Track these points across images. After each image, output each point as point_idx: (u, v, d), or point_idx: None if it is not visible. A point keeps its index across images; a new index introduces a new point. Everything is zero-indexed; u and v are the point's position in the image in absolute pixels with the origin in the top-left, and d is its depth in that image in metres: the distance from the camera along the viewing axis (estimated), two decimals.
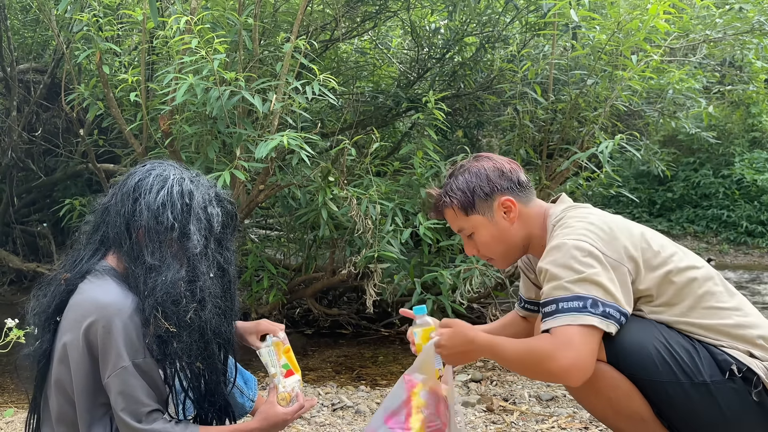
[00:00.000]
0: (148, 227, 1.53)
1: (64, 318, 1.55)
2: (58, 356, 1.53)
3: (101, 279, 1.54)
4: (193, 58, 2.95)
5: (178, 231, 1.54)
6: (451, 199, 1.80)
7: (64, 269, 1.62)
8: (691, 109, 4.88)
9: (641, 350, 1.53)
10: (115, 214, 1.58)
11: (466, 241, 1.85)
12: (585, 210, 1.71)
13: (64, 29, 3.89)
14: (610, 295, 1.52)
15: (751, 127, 9.04)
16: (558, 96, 4.11)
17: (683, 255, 1.65)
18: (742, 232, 8.67)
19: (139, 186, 1.58)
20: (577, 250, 1.55)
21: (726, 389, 1.50)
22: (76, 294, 1.55)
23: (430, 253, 3.83)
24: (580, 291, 1.52)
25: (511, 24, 4.69)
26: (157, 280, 1.50)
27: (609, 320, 1.51)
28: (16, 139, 5.26)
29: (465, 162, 1.87)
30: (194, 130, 3.23)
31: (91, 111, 3.70)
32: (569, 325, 1.51)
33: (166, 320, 1.48)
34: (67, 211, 4.49)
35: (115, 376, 1.47)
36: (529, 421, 2.55)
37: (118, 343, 1.47)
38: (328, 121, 4.71)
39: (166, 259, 1.53)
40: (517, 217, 1.77)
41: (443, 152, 4.11)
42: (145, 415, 1.49)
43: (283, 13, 4.15)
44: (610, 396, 1.57)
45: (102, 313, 1.48)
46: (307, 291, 4.22)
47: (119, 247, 1.57)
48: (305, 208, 3.66)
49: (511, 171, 1.80)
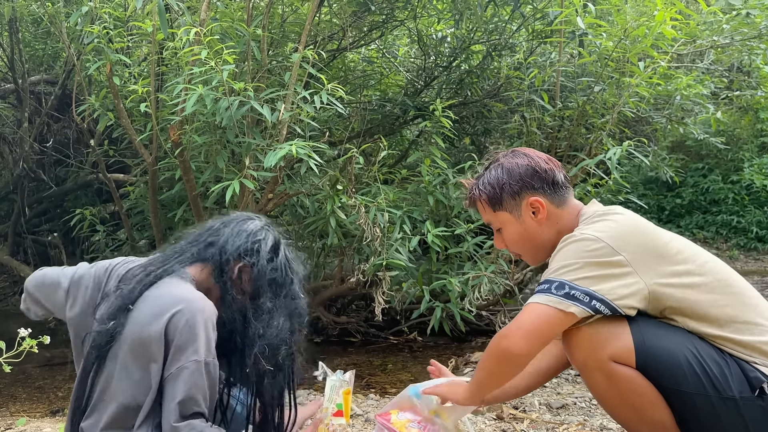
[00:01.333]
0: (263, 271, 1.69)
1: (138, 309, 1.59)
2: (130, 347, 1.57)
3: (184, 282, 1.65)
4: (203, 69, 2.98)
5: (293, 288, 1.74)
6: (480, 193, 1.79)
7: (152, 264, 1.71)
8: (699, 115, 4.87)
9: (671, 359, 1.52)
10: (225, 242, 1.71)
11: (496, 234, 1.84)
12: (615, 211, 1.67)
13: (75, 41, 3.94)
14: (587, 282, 1.52)
15: (759, 132, 8.99)
16: (565, 103, 4.12)
17: (718, 266, 1.61)
18: (752, 237, 8.61)
19: (259, 233, 1.74)
20: (583, 242, 1.56)
21: (754, 406, 1.48)
22: (156, 289, 1.62)
23: (438, 261, 3.83)
24: (554, 276, 1.56)
25: (518, 32, 4.71)
26: (271, 322, 1.66)
27: (571, 301, 1.52)
28: (28, 150, 5.32)
29: (502, 155, 1.84)
30: (204, 139, 3.25)
31: (101, 122, 3.73)
32: (529, 304, 1.58)
33: (265, 359, 1.64)
34: (77, 220, 4.52)
35: (186, 368, 1.52)
36: (540, 429, 2.54)
37: (198, 338, 1.53)
38: (336, 129, 4.73)
39: (279, 307, 1.69)
40: (545, 218, 1.73)
41: (450, 160, 4.12)
42: (191, 414, 1.53)
43: (291, 24, 4.19)
44: (634, 402, 1.56)
45: (188, 307, 1.55)
46: (316, 299, 4.23)
47: (219, 271, 1.70)
48: (314, 217, 3.67)
49: (546, 171, 1.75)
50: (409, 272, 3.70)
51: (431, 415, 1.83)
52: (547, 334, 1.57)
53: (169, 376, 1.53)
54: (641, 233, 1.59)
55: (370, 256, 3.54)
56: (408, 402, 1.88)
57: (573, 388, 3.19)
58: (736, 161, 9.00)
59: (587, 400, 2.86)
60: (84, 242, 5.30)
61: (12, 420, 2.89)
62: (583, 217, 1.70)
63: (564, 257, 1.58)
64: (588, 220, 1.66)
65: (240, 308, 1.67)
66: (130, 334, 1.57)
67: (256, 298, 1.69)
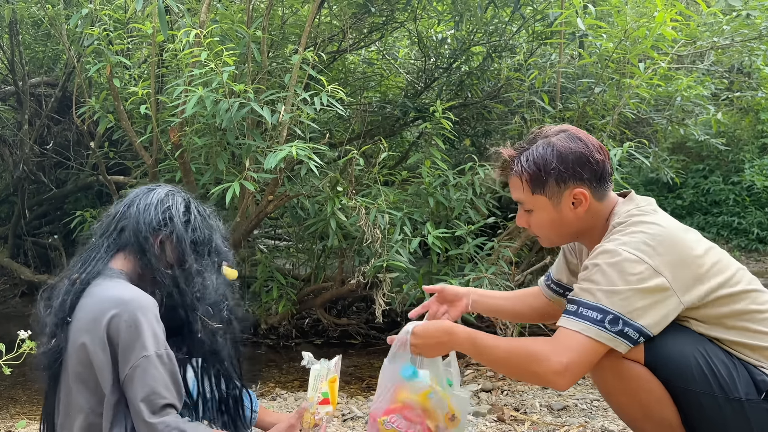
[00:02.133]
0: (182, 237, 1.67)
1: (76, 319, 1.58)
2: (76, 357, 1.55)
3: (114, 280, 1.61)
4: (203, 71, 2.98)
5: (212, 244, 1.72)
6: (523, 170, 1.64)
7: (73, 271, 1.67)
8: (700, 116, 4.86)
9: (680, 358, 1.52)
10: (137, 222, 1.66)
11: (522, 212, 1.72)
12: (651, 217, 1.58)
13: (75, 43, 3.94)
14: (639, 315, 1.48)
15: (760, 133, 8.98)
16: (566, 104, 4.11)
17: (738, 273, 1.58)
18: (753, 239, 8.60)
19: (166, 200, 1.71)
20: (626, 262, 1.48)
21: (760, 409, 1.48)
22: (87, 295, 1.59)
23: (438, 262, 3.82)
24: (606, 303, 1.48)
25: (518, 33, 4.71)
26: (205, 283, 1.64)
27: (623, 340, 1.48)
28: (28, 152, 5.32)
29: (553, 132, 1.67)
30: (204, 141, 3.25)
31: (101, 124, 3.73)
32: (578, 332, 1.49)
33: (211, 319, 1.63)
34: (78, 223, 4.52)
35: (138, 366, 1.50)
36: (541, 430, 2.53)
37: (142, 336, 1.51)
38: (337, 131, 4.73)
39: (207, 266, 1.68)
40: (584, 211, 1.63)
41: (451, 161, 4.11)
42: (160, 407, 1.51)
43: (291, 26, 4.19)
44: (641, 399, 1.55)
45: (124, 308, 1.52)
46: (317, 301, 4.22)
47: (140, 252, 1.65)
48: (314, 218, 3.67)
49: (599, 162, 1.62)
50: (409, 274, 3.69)
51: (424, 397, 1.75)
52: (589, 368, 1.52)
53: (125, 379, 1.52)
54: (679, 248, 1.52)
55: (370, 257, 3.53)
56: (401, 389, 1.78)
57: (574, 389, 3.18)
58: (737, 162, 8.98)
59: (588, 402, 2.86)
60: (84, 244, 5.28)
61: (12, 423, 2.89)
62: (617, 217, 1.62)
63: (609, 279, 1.49)
64: (623, 226, 1.57)
65: (172, 281, 1.65)
66: (74, 346, 1.56)
67: (182, 264, 1.66)
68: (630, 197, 1.67)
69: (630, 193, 1.69)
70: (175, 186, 1.81)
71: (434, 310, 1.97)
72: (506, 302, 2.05)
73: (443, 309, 1.97)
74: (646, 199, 1.67)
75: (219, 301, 1.67)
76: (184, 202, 1.74)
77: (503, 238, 3.82)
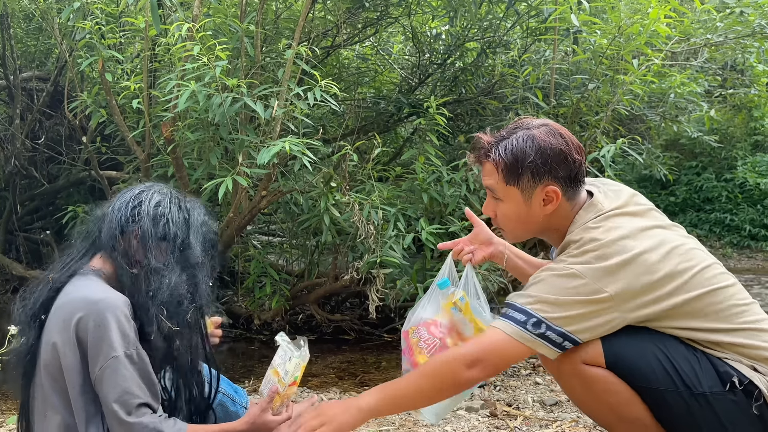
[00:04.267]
0: (147, 233, 1.61)
1: (50, 319, 1.57)
2: (48, 357, 1.54)
3: (87, 279, 1.59)
4: (196, 65, 2.96)
5: (180, 240, 1.64)
6: (500, 159, 1.60)
7: (51, 271, 1.66)
8: (693, 113, 4.88)
9: (639, 357, 1.52)
10: (111, 220, 1.64)
11: (490, 200, 1.70)
12: (605, 231, 1.53)
13: (67, 37, 3.91)
14: (565, 321, 1.48)
15: (753, 130, 9.03)
16: (559, 100, 4.12)
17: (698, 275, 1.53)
18: (745, 235, 8.65)
19: (139, 197, 1.66)
20: (567, 277, 1.49)
21: (726, 401, 1.48)
22: (62, 295, 1.58)
23: (432, 258, 3.82)
24: (532, 307, 1.50)
25: (512, 29, 4.70)
26: (162, 281, 1.58)
27: (544, 342, 1.49)
28: (19, 147, 5.28)
29: (534, 125, 1.63)
30: (197, 136, 3.24)
31: (93, 118, 3.71)
32: (499, 330, 1.52)
33: (168, 320, 1.56)
34: (70, 218, 4.49)
35: (107, 367, 1.49)
36: (533, 426, 2.54)
37: (110, 336, 1.49)
38: (330, 126, 4.71)
39: (169, 263, 1.61)
40: (553, 209, 1.62)
41: (445, 157, 4.11)
42: (135, 407, 1.50)
43: (285, 20, 4.17)
44: (610, 401, 1.55)
45: (92, 309, 1.50)
46: (310, 297, 4.22)
47: (111, 250, 1.62)
48: (307, 214, 3.66)
49: (575, 162, 1.60)
50: (403, 270, 3.69)
51: (449, 307, 1.79)
52: (508, 364, 1.58)
53: (95, 380, 1.51)
54: (631, 268, 1.48)
55: (364, 253, 3.53)
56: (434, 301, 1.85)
57: None
58: (730, 159, 9.03)
59: None
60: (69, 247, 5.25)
61: (3, 418, 2.88)
62: (573, 227, 1.60)
63: (545, 288, 1.51)
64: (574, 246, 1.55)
65: (131, 278, 1.59)
66: (46, 346, 1.55)
67: (144, 262, 1.61)
68: (591, 203, 1.63)
69: (593, 196, 1.64)
70: (164, 184, 1.77)
71: (461, 247, 1.95)
72: (530, 269, 1.98)
73: (471, 248, 1.95)
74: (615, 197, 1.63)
75: (177, 301, 1.58)
76: (159, 197, 1.67)
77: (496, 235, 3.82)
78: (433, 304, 1.85)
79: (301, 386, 3.28)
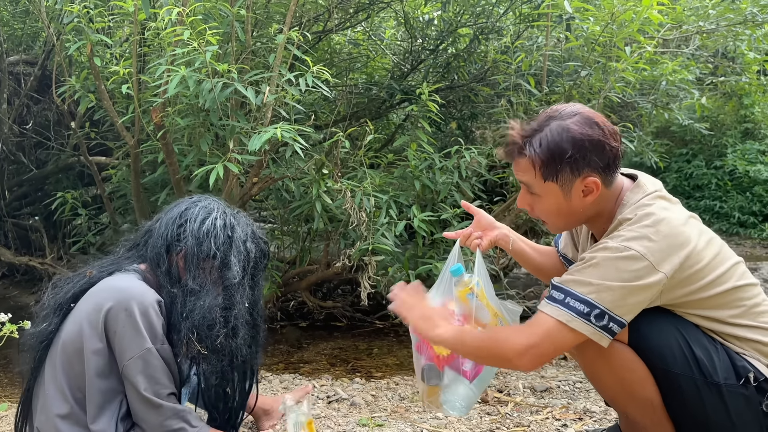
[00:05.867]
0: (190, 252, 1.62)
1: (78, 307, 1.58)
2: (70, 340, 1.56)
3: (127, 274, 1.62)
4: (186, 50, 2.93)
5: (219, 260, 1.64)
6: (536, 156, 1.54)
7: (91, 268, 1.68)
8: (684, 101, 4.89)
9: (662, 339, 1.53)
10: (157, 237, 1.66)
11: (525, 193, 1.65)
12: (658, 209, 1.53)
13: (55, 21, 3.85)
14: (627, 311, 1.48)
15: (743, 118, 9.06)
16: (552, 87, 4.11)
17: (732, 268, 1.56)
18: (734, 223, 8.72)
19: (185, 214, 1.67)
20: (626, 260, 1.46)
21: (737, 395, 1.50)
22: (99, 284, 1.61)
23: (424, 245, 3.82)
24: (595, 298, 1.47)
25: (505, 15, 4.68)
26: (196, 303, 1.58)
27: (605, 334, 1.49)
28: (7, 132, 5.22)
29: (567, 114, 1.56)
30: (187, 122, 3.21)
31: (82, 103, 3.66)
32: (559, 321, 1.49)
33: (199, 342, 1.57)
34: (59, 204, 4.46)
35: (139, 358, 1.52)
36: (524, 412, 2.56)
37: (139, 328, 1.52)
38: (322, 113, 4.68)
39: (206, 285, 1.62)
40: (594, 199, 1.58)
41: (437, 144, 4.10)
42: (166, 396, 1.55)
43: (276, 5, 4.12)
44: (624, 377, 1.57)
45: (123, 300, 1.53)
46: (302, 283, 4.21)
47: (156, 267, 1.65)
48: (299, 201, 3.65)
49: (613, 149, 1.54)
50: (395, 257, 3.70)
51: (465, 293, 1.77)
52: (560, 353, 1.54)
53: (124, 370, 1.53)
54: (682, 245, 1.48)
55: (356, 240, 3.52)
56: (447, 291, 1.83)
57: (557, 371, 3.21)
58: (720, 147, 9.07)
59: (571, 384, 2.89)
60: (66, 226, 5.23)
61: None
62: (624, 208, 1.57)
63: (604, 274, 1.47)
64: (629, 223, 1.52)
65: (170, 298, 1.60)
66: (70, 333, 1.57)
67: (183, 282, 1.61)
68: (638, 184, 1.62)
69: (638, 178, 1.64)
70: (212, 197, 1.74)
71: (468, 232, 1.95)
72: (534, 254, 2.01)
73: (478, 233, 1.94)
74: (653, 182, 1.64)
75: (209, 325, 1.58)
76: (204, 214, 1.66)
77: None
78: (443, 293, 1.82)
79: (293, 373, 3.29)
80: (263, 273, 1.77)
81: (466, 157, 3.68)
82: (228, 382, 1.67)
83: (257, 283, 1.73)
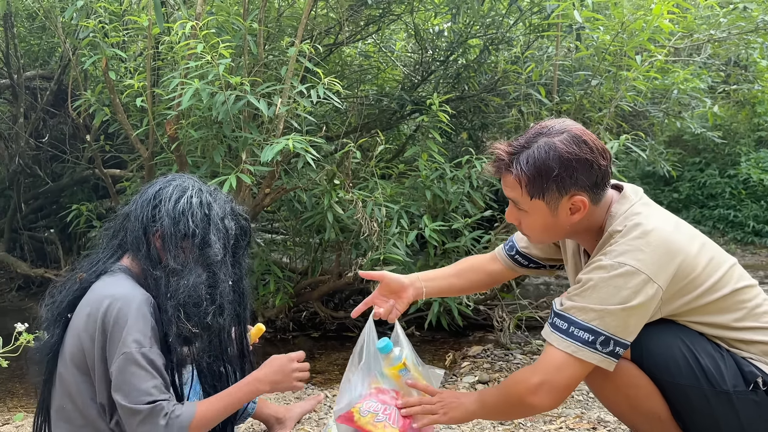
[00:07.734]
0: (167, 233, 1.59)
1: (76, 315, 1.59)
2: (74, 350, 1.56)
3: (115, 277, 1.61)
4: (199, 63, 2.97)
5: (199, 238, 1.60)
6: (521, 173, 1.51)
7: (80, 270, 1.68)
8: (696, 109, 4.87)
9: (666, 351, 1.52)
10: (134, 220, 1.63)
11: (512, 209, 1.64)
12: (646, 218, 1.52)
13: (71, 36, 3.92)
14: (630, 332, 1.48)
15: (756, 126, 9.00)
16: (562, 97, 4.11)
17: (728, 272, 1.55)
18: (749, 231, 8.62)
19: (159, 194, 1.64)
20: (621, 277, 1.44)
21: (748, 401, 1.49)
22: (89, 292, 1.60)
23: (435, 255, 3.82)
24: (599, 325, 1.46)
25: (515, 26, 4.70)
26: (180, 282, 1.56)
27: (612, 359, 1.49)
28: (23, 146, 5.29)
29: (555, 130, 1.53)
30: (200, 134, 3.24)
31: (97, 117, 3.72)
32: (566, 353, 1.48)
33: (187, 321, 1.54)
34: (74, 216, 4.51)
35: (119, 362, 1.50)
36: (537, 422, 2.55)
37: (128, 328, 1.51)
38: (333, 124, 4.72)
39: (188, 264, 1.59)
40: (581, 217, 1.56)
41: (448, 154, 4.11)
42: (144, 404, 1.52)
43: (288, 18, 4.17)
44: (629, 393, 1.56)
45: (114, 304, 1.53)
46: (314, 294, 4.22)
47: (136, 251, 1.62)
48: (311, 212, 3.66)
49: (601, 168, 1.52)
50: (406, 267, 3.70)
51: (398, 369, 1.74)
52: (576, 385, 1.52)
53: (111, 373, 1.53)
54: (675, 253, 1.47)
55: (367, 250, 3.53)
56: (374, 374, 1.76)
57: None
58: (733, 155, 9.00)
59: (585, 393, 2.87)
60: (81, 238, 5.28)
61: (9, 415, 2.89)
62: (613, 220, 1.55)
63: (603, 297, 1.46)
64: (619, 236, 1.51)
65: (154, 281, 1.58)
66: (72, 341, 1.57)
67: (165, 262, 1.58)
68: (623, 195, 1.61)
69: (622, 189, 1.63)
70: (185, 174, 1.73)
71: (379, 305, 1.90)
72: (458, 279, 1.99)
73: (390, 303, 1.90)
74: (635, 191, 1.63)
75: (196, 303, 1.55)
76: (179, 192, 1.63)
77: (500, 231, 3.82)
78: (367, 374, 1.75)
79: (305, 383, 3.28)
80: (246, 251, 1.73)
81: (477, 166, 3.69)
82: (221, 362, 1.66)
83: (239, 261, 1.69)
